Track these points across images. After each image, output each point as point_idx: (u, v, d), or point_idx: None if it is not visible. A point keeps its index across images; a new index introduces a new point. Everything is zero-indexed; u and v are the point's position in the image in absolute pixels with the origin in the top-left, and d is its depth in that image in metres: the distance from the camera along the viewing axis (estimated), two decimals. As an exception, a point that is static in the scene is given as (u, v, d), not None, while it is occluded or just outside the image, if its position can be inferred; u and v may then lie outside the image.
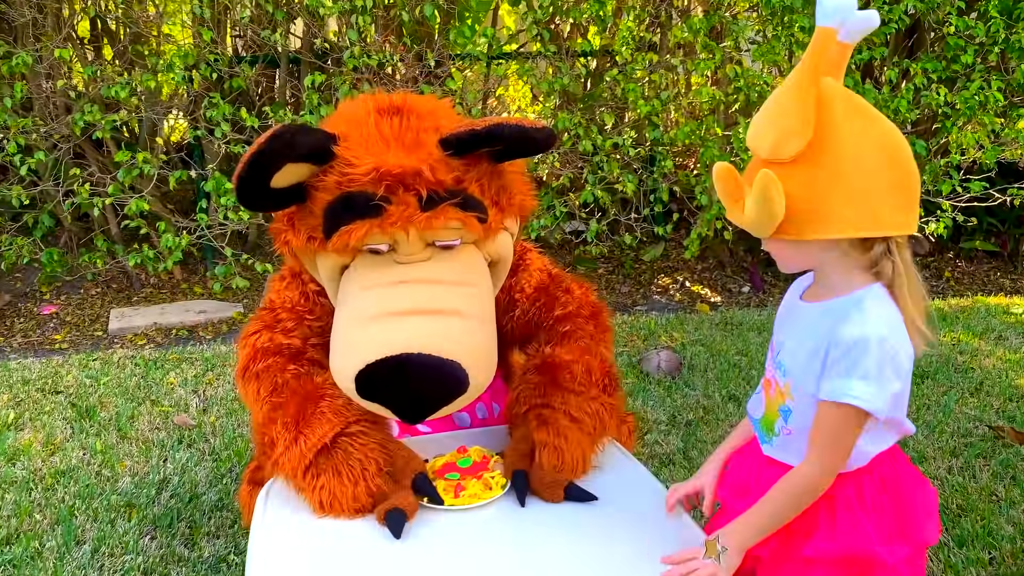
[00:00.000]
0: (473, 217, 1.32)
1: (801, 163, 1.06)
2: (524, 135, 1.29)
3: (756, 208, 1.07)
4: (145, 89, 3.08)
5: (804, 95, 1.06)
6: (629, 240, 3.55)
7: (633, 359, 3.03)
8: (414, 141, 1.31)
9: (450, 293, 1.33)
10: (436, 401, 1.29)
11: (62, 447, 2.46)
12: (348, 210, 1.28)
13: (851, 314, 1.09)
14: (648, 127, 3.37)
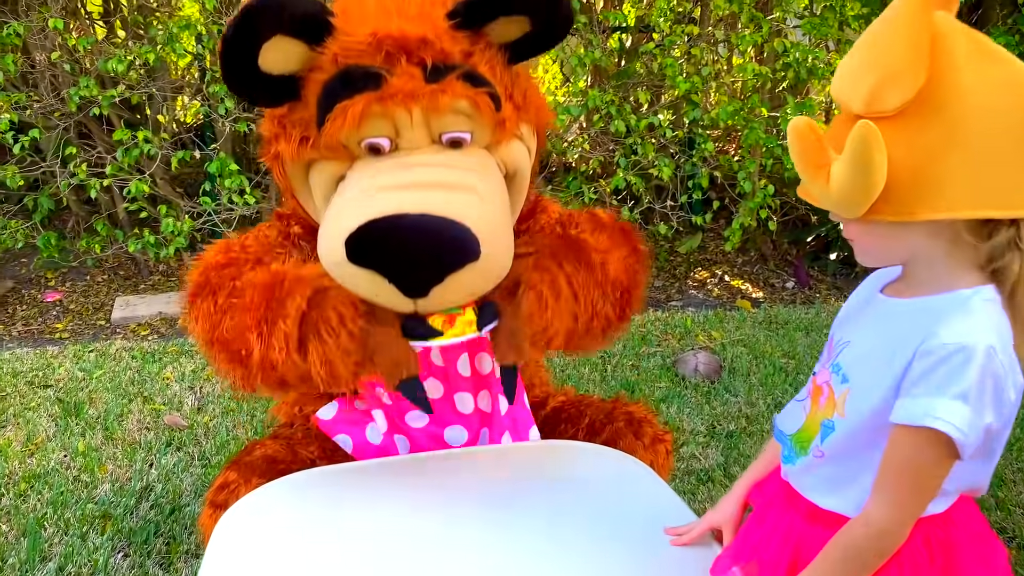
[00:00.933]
0: (485, 95, 1.15)
1: (908, 117, 0.79)
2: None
3: (850, 173, 0.80)
4: (145, 63, 2.87)
5: (914, 28, 0.78)
6: (664, 230, 3.27)
7: (668, 360, 2.76)
8: (418, 12, 1.16)
9: (464, 175, 1.13)
10: (439, 261, 1.06)
11: (42, 447, 2.27)
12: (345, 86, 1.13)
13: (952, 315, 0.82)
14: (687, 107, 3.08)
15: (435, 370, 1.35)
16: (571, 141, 3.13)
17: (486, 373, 1.37)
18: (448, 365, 1.35)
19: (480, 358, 1.36)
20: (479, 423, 1.38)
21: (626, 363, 2.76)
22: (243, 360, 1.15)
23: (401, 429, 1.37)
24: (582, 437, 1.41)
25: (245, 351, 1.14)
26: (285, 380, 1.16)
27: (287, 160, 1.23)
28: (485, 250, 1.08)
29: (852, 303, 0.99)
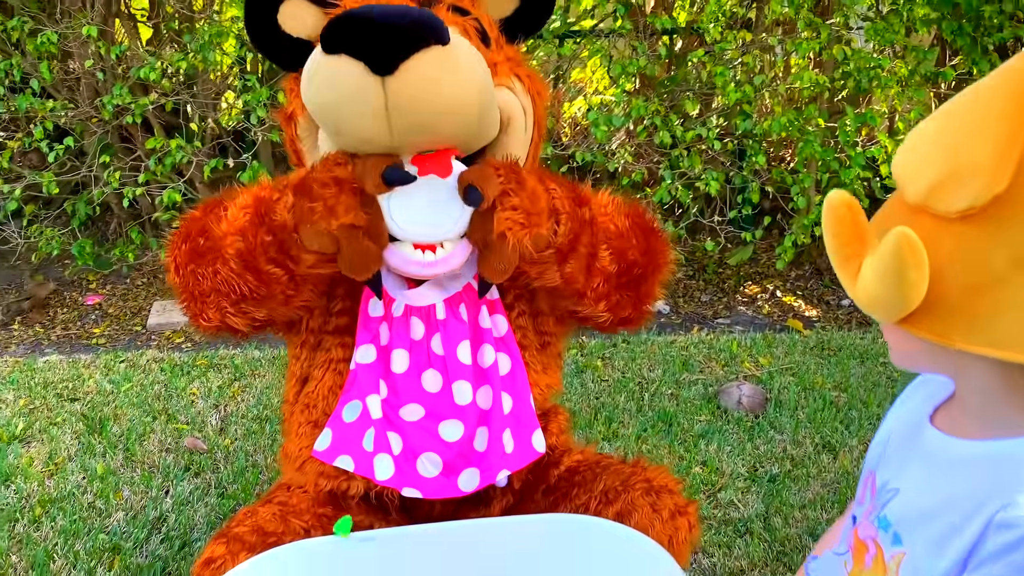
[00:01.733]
0: (472, 26, 1.18)
1: (973, 225, 0.64)
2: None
3: (879, 283, 0.66)
4: (177, 71, 2.82)
5: (1007, 121, 0.62)
6: (711, 246, 3.10)
7: (710, 389, 2.61)
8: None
9: None
10: (406, 30, 1.01)
11: (62, 468, 2.24)
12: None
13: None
14: (737, 117, 2.90)
15: (434, 360, 1.28)
16: (613, 149, 2.98)
17: (487, 366, 1.28)
18: (448, 349, 1.28)
19: (482, 351, 1.29)
20: (477, 419, 1.28)
21: (665, 391, 2.61)
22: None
23: (395, 424, 1.28)
24: (595, 506, 1.29)
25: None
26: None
27: (299, 114, 1.25)
28: (456, 43, 1.06)
29: (895, 429, 0.83)
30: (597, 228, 1.23)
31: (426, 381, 1.27)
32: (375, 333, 1.27)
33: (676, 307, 3.60)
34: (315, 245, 1.13)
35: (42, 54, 2.81)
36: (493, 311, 1.32)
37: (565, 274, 1.23)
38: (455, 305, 1.29)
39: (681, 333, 3.24)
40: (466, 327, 1.28)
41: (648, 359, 2.87)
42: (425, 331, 1.28)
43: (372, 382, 1.27)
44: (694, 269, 3.91)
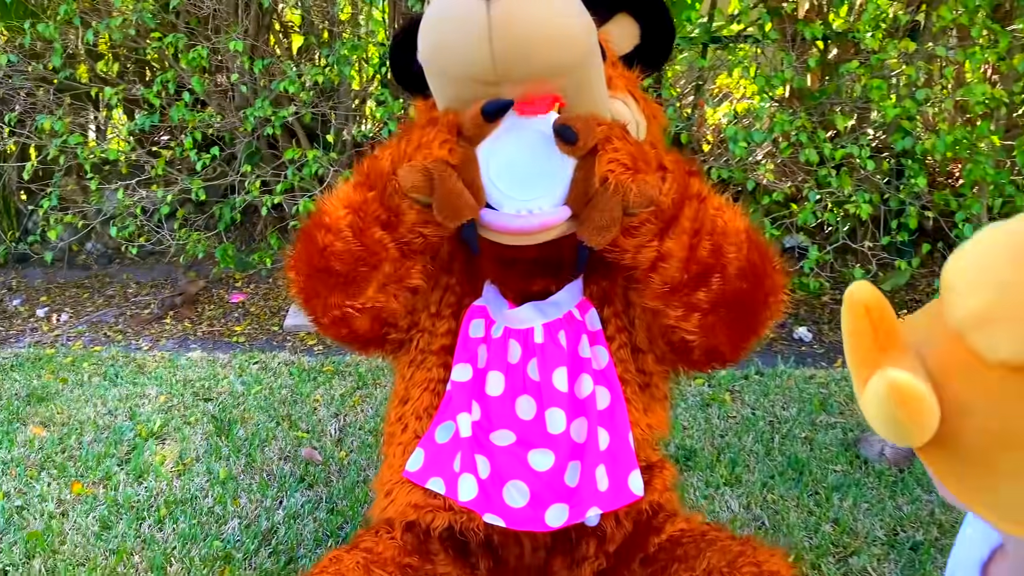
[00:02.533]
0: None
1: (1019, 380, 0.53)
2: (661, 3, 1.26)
3: (871, 417, 0.59)
4: (315, 84, 2.88)
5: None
6: (859, 274, 2.85)
7: (849, 435, 2.39)
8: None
9: None
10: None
11: (189, 469, 2.33)
12: None
13: None
14: (896, 134, 2.64)
15: (529, 385, 1.24)
16: (757, 162, 2.79)
17: (584, 397, 1.23)
18: (544, 375, 1.23)
19: (580, 381, 1.23)
20: (569, 452, 1.23)
21: (798, 433, 2.41)
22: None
23: (484, 447, 1.25)
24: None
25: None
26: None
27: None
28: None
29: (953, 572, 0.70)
30: (705, 209, 1.13)
31: (520, 407, 1.24)
32: (473, 353, 1.27)
33: (819, 335, 3.34)
34: (410, 183, 1.10)
35: (194, 68, 2.95)
36: (594, 342, 1.27)
37: (663, 250, 1.11)
38: (554, 331, 1.25)
39: (822, 366, 3.00)
40: (564, 354, 1.24)
41: (782, 395, 2.67)
42: (522, 354, 1.26)
43: (465, 402, 1.26)
44: (842, 292, 3.62)
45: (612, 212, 1.08)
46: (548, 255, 1.23)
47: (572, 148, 1.07)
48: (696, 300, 1.15)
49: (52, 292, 4.24)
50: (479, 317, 1.30)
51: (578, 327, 1.27)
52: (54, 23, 2.92)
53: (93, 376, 3.04)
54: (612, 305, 1.31)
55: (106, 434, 2.55)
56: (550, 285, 1.29)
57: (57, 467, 2.36)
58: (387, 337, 1.34)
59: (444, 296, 1.36)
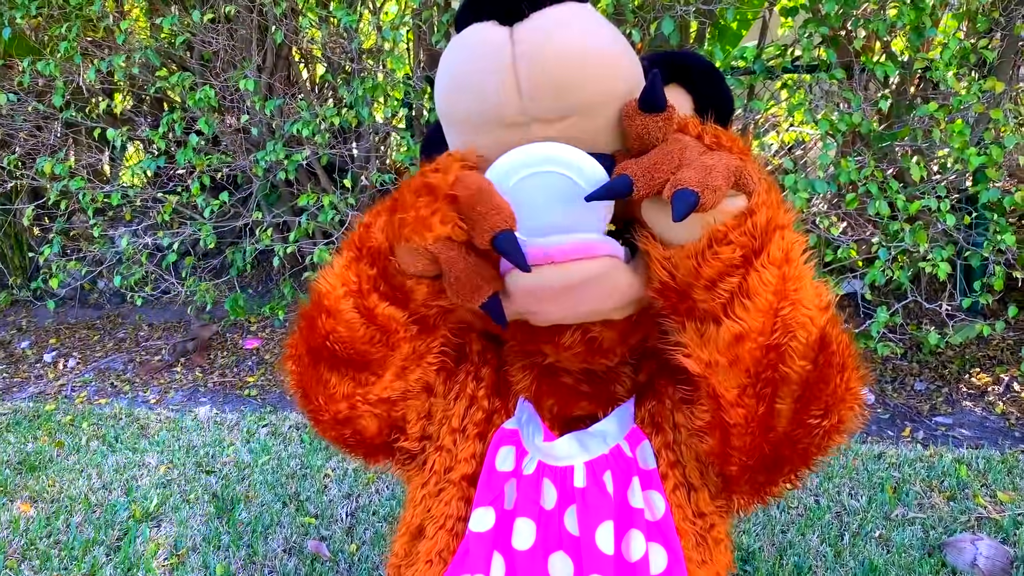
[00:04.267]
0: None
1: None
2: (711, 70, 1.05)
3: None
4: (330, 125, 2.65)
5: None
6: (935, 339, 2.54)
7: (931, 535, 2.07)
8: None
9: None
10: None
11: (184, 561, 2.09)
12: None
13: None
14: (979, 185, 2.33)
15: (566, 540, 1.02)
16: (814, 222, 2.49)
17: (635, 560, 1.00)
18: (584, 530, 1.00)
19: (629, 538, 1.00)
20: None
21: (871, 530, 2.11)
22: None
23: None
24: None
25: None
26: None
27: None
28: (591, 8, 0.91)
29: None
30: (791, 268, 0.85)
31: (554, 566, 1.00)
32: (499, 492, 1.04)
33: (883, 395, 3.03)
34: (414, 268, 0.93)
35: (203, 108, 2.73)
36: (647, 485, 1.03)
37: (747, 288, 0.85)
38: (599, 472, 1.01)
39: (888, 435, 2.69)
40: (611, 503, 1.00)
41: (849, 480, 2.36)
42: (559, 500, 1.02)
43: (484, 557, 1.02)
44: (907, 346, 3.30)
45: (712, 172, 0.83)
46: (597, 365, 1.01)
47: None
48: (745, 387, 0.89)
49: (62, 333, 4.05)
50: (509, 444, 1.07)
51: (628, 466, 1.03)
52: (55, 61, 2.72)
53: (91, 440, 2.82)
54: (662, 433, 1.06)
55: (97, 514, 2.32)
56: (597, 410, 1.06)
57: (40, 556, 2.13)
58: (396, 444, 1.11)
59: (469, 411, 1.11)
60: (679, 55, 1.09)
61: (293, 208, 3.09)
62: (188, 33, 2.69)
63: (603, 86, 0.88)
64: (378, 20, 3.02)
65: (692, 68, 1.04)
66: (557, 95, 0.87)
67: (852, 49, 2.39)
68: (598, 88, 0.88)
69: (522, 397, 1.09)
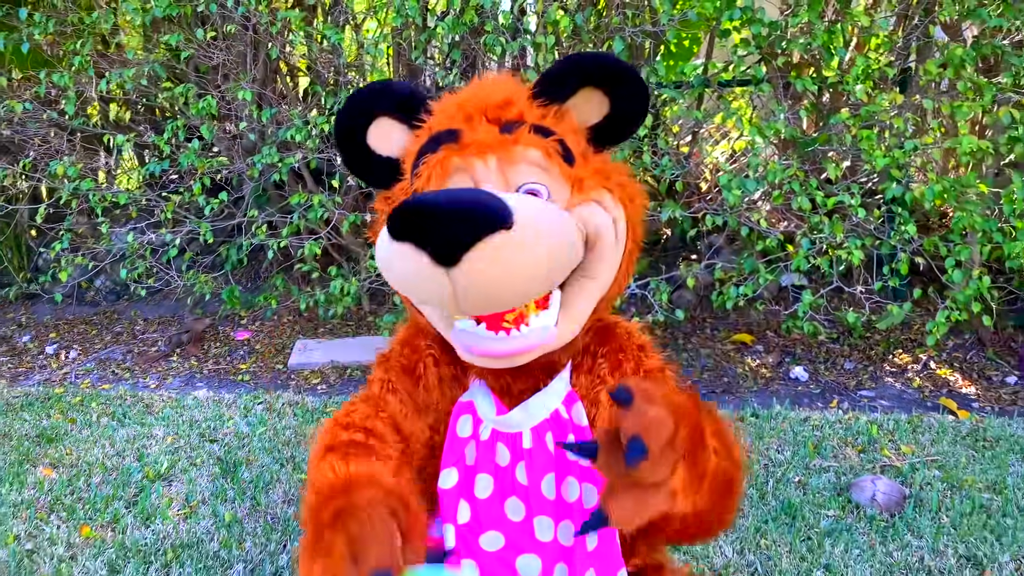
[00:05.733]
0: (555, 143, 1.17)
1: None
2: (610, 61, 1.20)
3: None
4: (320, 131, 2.97)
5: None
6: (853, 318, 2.90)
7: (842, 479, 2.43)
8: (505, 87, 1.23)
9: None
10: (466, 220, 0.98)
11: (196, 511, 2.38)
12: (431, 145, 1.20)
13: None
14: (886, 183, 2.71)
15: (517, 488, 1.24)
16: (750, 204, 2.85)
17: (572, 500, 1.23)
18: (532, 480, 1.23)
19: (567, 483, 1.23)
20: (556, 556, 1.23)
21: (792, 477, 2.46)
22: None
23: (473, 552, 1.24)
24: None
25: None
26: None
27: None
28: (521, 223, 1.01)
29: None
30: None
31: (508, 508, 1.23)
32: (460, 455, 1.25)
33: (815, 374, 3.39)
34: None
35: (204, 117, 3.04)
36: (580, 439, 1.25)
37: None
38: (542, 434, 1.24)
39: (818, 406, 3.05)
40: (551, 458, 1.22)
41: (778, 438, 2.71)
42: (511, 458, 1.25)
43: (452, 508, 1.25)
44: (839, 332, 3.67)
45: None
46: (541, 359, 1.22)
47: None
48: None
49: (61, 328, 4.31)
50: (466, 413, 1.29)
51: (564, 426, 1.25)
52: (69, 72, 3.02)
53: (101, 416, 3.10)
54: (598, 404, 1.26)
55: (114, 476, 2.61)
56: (540, 381, 1.27)
57: (66, 509, 2.41)
58: None
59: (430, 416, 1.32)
60: (598, 57, 1.23)
61: (281, 208, 3.40)
62: (192, 49, 3.00)
63: (529, 291, 1.06)
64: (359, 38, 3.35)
65: (610, 71, 1.20)
66: (491, 307, 1.06)
67: (776, 67, 2.76)
68: (526, 294, 1.06)
69: (475, 377, 1.29)
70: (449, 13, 2.84)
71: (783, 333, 3.69)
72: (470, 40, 3.00)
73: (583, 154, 1.21)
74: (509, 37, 2.85)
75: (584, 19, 2.81)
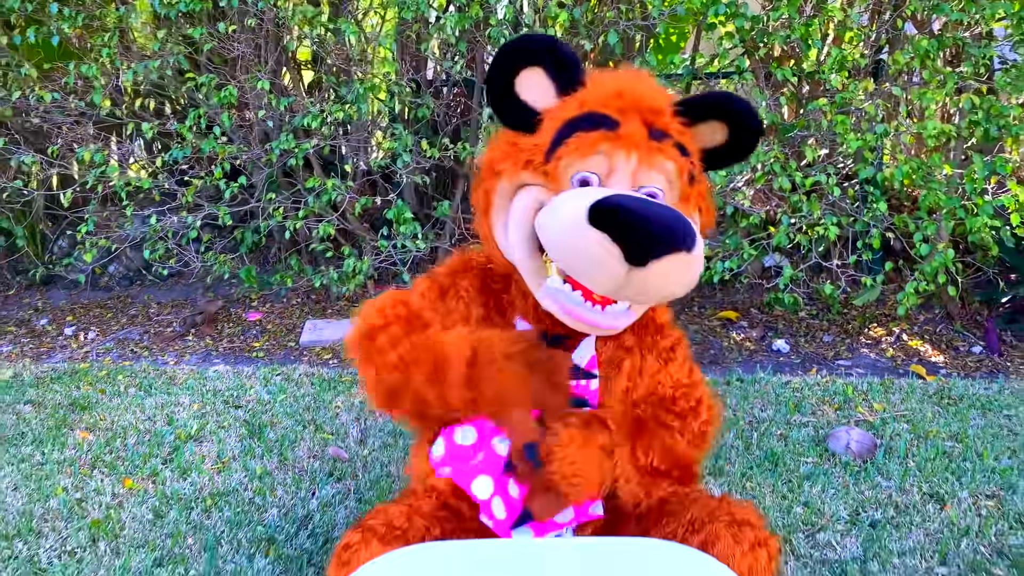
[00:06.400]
0: (687, 165, 1.36)
1: None
2: (750, 110, 1.41)
3: None
4: (335, 119, 3.17)
5: None
6: (830, 290, 3.14)
7: (820, 432, 2.67)
8: (653, 88, 1.41)
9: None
10: (671, 235, 1.17)
11: (228, 466, 2.59)
12: (586, 122, 1.33)
13: None
14: (860, 164, 2.95)
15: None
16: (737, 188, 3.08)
17: None
18: None
19: None
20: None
21: (774, 431, 2.69)
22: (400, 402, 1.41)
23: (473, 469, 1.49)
24: (682, 534, 1.43)
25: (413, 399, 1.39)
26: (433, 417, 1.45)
27: (505, 177, 1.40)
28: (697, 247, 1.21)
29: None
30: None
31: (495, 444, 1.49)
32: None
33: (796, 346, 3.64)
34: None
35: (224, 106, 3.24)
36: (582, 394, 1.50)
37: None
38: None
39: (799, 374, 3.29)
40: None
41: (761, 398, 2.95)
42: None
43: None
44: (818, 308, 3.92)
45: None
46: None
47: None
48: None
49: (77, 312, 4.49)
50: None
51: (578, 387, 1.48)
52: (97, 64, 3.21)
53: (128, 387, 3.29)
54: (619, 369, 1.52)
55: (148, 437, 2.80)
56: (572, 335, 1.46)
57: (107, 465, 2.61)
58: None
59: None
60: (733, 99, 1.43)
61: (292, 194, 3.60)
62: (213, 42, 3.20)
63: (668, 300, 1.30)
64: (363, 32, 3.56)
65: (740, 113, 1.42)
66: (648, 302, 1.31)
67: (758, 58, 2.99)
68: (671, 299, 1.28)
69: (520, 317, 1.49)
70: (449, 8, 3.06)
71: (766, 310, 3.93)
72: (474, 32, 3.22)
73: (699, 176, 1.42)
74: (511, 30, 3.07)
75: (581, 13, 3.04)
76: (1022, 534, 2.12)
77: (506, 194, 1.41)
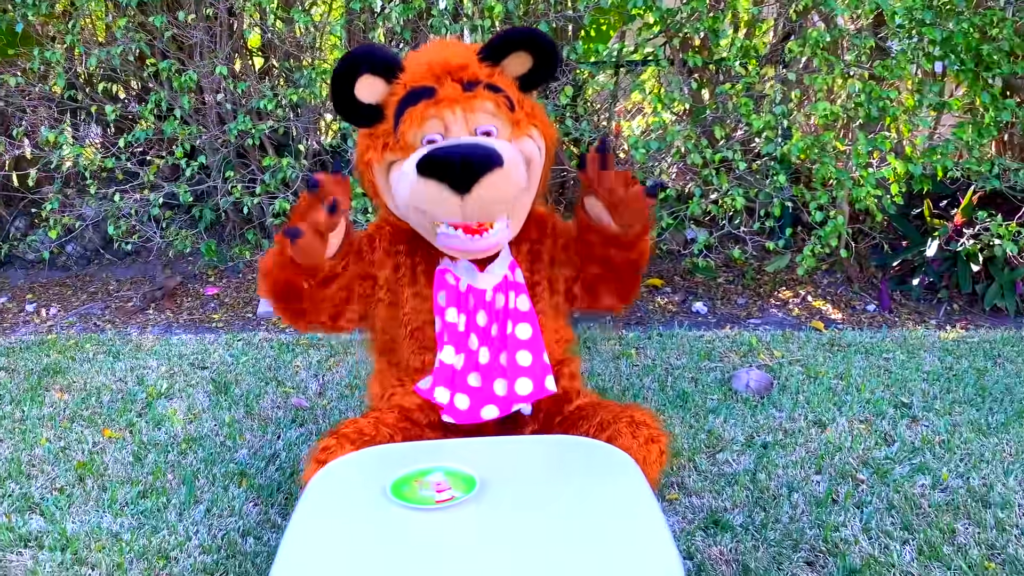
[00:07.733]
0: (503, 98, 1.65)
1: None
2: (539, 33, 1.72)
3: None
4: (289, 101, 3.43)
5: None
6: (737, 254, 3.54)
7: (726, 375, 3.05)
8: (457, 51, 1.71)
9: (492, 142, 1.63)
10: (476, 163, 1.50)
11: (199, 417, 2.85)
12: (411, 99, 1.63)
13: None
14: (762, 142, 3.34)
15: (475, 327, 1.79)
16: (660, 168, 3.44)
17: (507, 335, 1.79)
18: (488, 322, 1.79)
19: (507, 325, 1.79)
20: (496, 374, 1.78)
21: (686, 376, 3.07)
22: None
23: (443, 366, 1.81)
24: (592, 433, 1.76)
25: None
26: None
27: (375, 163, 1.69)
28: (506, 163, 1.54)
29: None
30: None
31: (471, 341, 1.79)
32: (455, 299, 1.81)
33: (713, 308, 4.03)
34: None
35: (183, 89, 3.47)
36: (519, 292, 1.83)
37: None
38: (497, 290, 1.79)
39: (713, 330, 3.68)
40: (497, 309, 1.79)
41: (676, 350, 3.33)
42: (474, 304, 1.80)
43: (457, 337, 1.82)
44: (734, 275, 4.33)
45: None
46: None
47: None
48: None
49: (36, 291, 4.65)
50: (448, 273, 1.81)
51: (510, 285, 1.81)
52: (62, 50, 3.41)
53: (97, 354, 3.51)
54: (540, 261, 1.87)
55: (121, 395, 3.05)
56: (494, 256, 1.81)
57: (86, 420, 2.85)
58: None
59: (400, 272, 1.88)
60: (524, 30, 1.74)
61: (247, 173, 3.85)
62: (172, 30, 3.43)
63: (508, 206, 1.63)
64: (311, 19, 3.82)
65: (532, 39, 1.71)
66: (487, 217, 1.59)
67: (674, 47, 3.36)
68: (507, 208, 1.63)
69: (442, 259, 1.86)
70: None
71: (687, 277, 4.32)
72: (417, 22, 3.51)
73: (519, 101, 1.73)
74: (451, 20, 3.37)
75: (515, 5, 3.36)
76: (885, 448, 2.53)
77: (383, 175, 1.70)
